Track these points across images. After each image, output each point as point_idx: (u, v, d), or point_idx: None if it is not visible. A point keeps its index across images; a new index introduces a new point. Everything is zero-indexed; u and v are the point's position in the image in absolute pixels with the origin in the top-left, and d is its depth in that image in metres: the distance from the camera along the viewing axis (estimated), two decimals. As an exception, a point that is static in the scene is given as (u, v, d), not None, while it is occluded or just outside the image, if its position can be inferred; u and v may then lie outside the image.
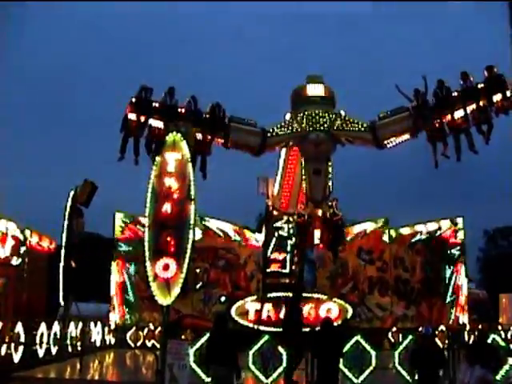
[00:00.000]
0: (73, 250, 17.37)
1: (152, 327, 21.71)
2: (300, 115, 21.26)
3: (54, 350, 16.22)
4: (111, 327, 21.81)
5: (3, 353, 13.98)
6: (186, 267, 9.73)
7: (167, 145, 10.15)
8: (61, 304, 18.95)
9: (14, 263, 19.90)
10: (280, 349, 12.07)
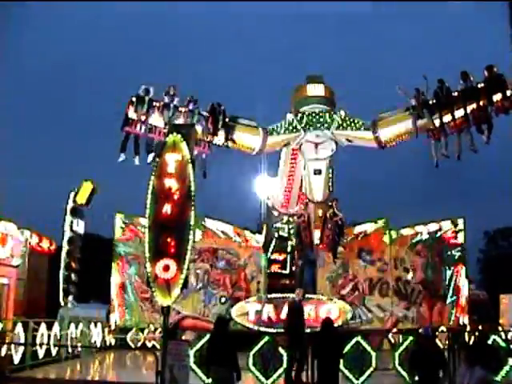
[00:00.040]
0: (73, 251, 17.41)
1: (152, 328, 21.72)
2: (300, 115, 21.25)
3: (54, 351, 16.23)
4: (111, 328, 21.82)
5: (3, 353, 13.98)
6: (186, 268, 9.71)
7: (167, 146, 10.12)
8: (61, 304, 19.01)
9: (15, 264, 19.90)
10: (280, 350, 12.06)
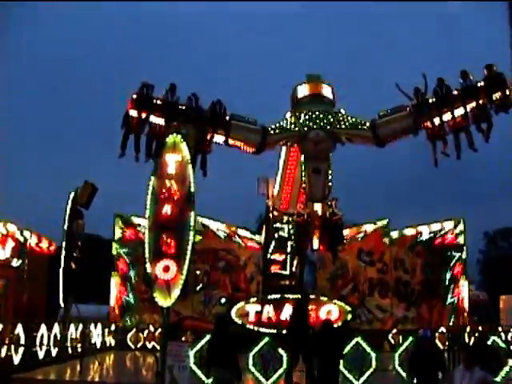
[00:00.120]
0: (73, 252, 17.37)
1: (152, 329, 21.72)
2: (300, 114, 21.26)
3: (54, 352, 16.22)
4: (111, 329, 21.81)
5: (3, 354, 13.99)
6: (186, 269, 9.71)
7: (167, 146, 10.12)
8: (61, 305, 18.95)
9: (14, 265, 19.91)
10: (280, 350, 12.06)
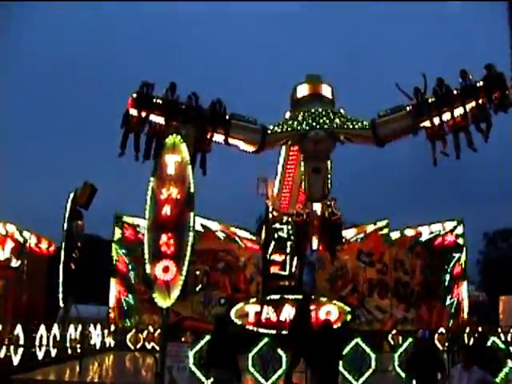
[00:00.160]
0: (72, 253, 17.38)
1: (151, 329, 21.70)
2: (300, 113, 21.27)
3: (54, 353, 16.20)
4: (111, 329, 21.79)
5: (2, 355, 13.99)
6: (186, 269, 9.71)
7: (167, 147, 10.13)
8: (60, 306, 18.98)
9: (14, 265, 19.90)
10: (279, 351, 12.05)
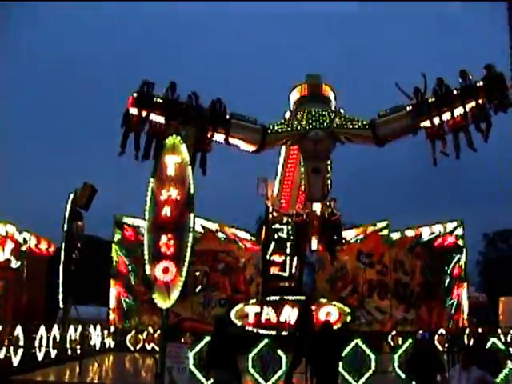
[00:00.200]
0: (72, 253, 17.36)
1: (151, 330, 21.69)
2: (300, 113, 21.28)
3: (54, 353, 16.20)
4: (110, 330, 21.79)
5: (2, 356, 13.99)
6: (186, 270, 9.71)
7: (167, 148, 10.12)
8: (60, 307, 18.96)
9: (14, 266, 19.90)
10: (279, 352, 12.05)
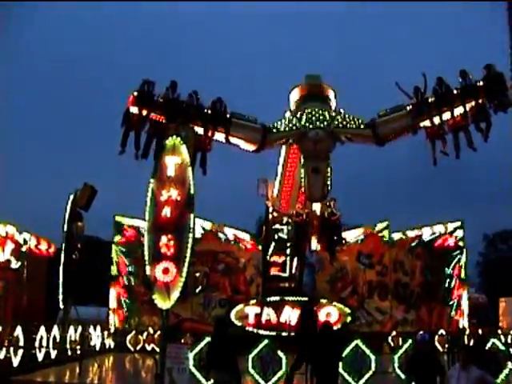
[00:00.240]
0: (72, 254, 17.37)
1: (151, 331, 21.69)
2: (300, 113, 21.29)
3: (54, 354, 16.19)
4: (110, 331, 21.79)
5: (2, 356, 13.98)
6: (186, 271, 9.72)
7: (167, 148, 10.13)
8: (60, 307, 18.98)
9: (14, 267, 19.91)
10: (280, 353, 12.04)
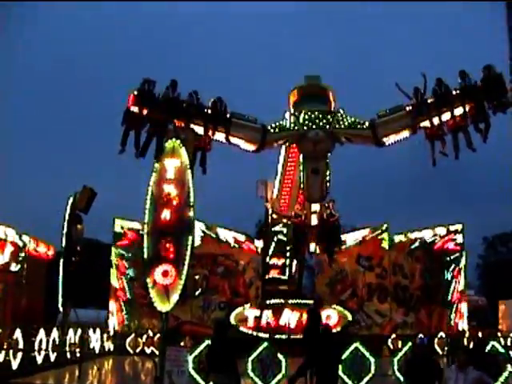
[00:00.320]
0: (72, 257, 17.35)
1: (151, 334, 21.66)
2: (299, 114, 21.31)
3: (53, 357, 16.16)
4: (110, 334, 21.76)
5: (1, 359, 13.92)
6: (185, 274, 9.73)
7: (166, 151, 10.15)
8: (59, 310, 18.95)
9: (13, 269, 19.89)
10: (279, 356, 12.03)
